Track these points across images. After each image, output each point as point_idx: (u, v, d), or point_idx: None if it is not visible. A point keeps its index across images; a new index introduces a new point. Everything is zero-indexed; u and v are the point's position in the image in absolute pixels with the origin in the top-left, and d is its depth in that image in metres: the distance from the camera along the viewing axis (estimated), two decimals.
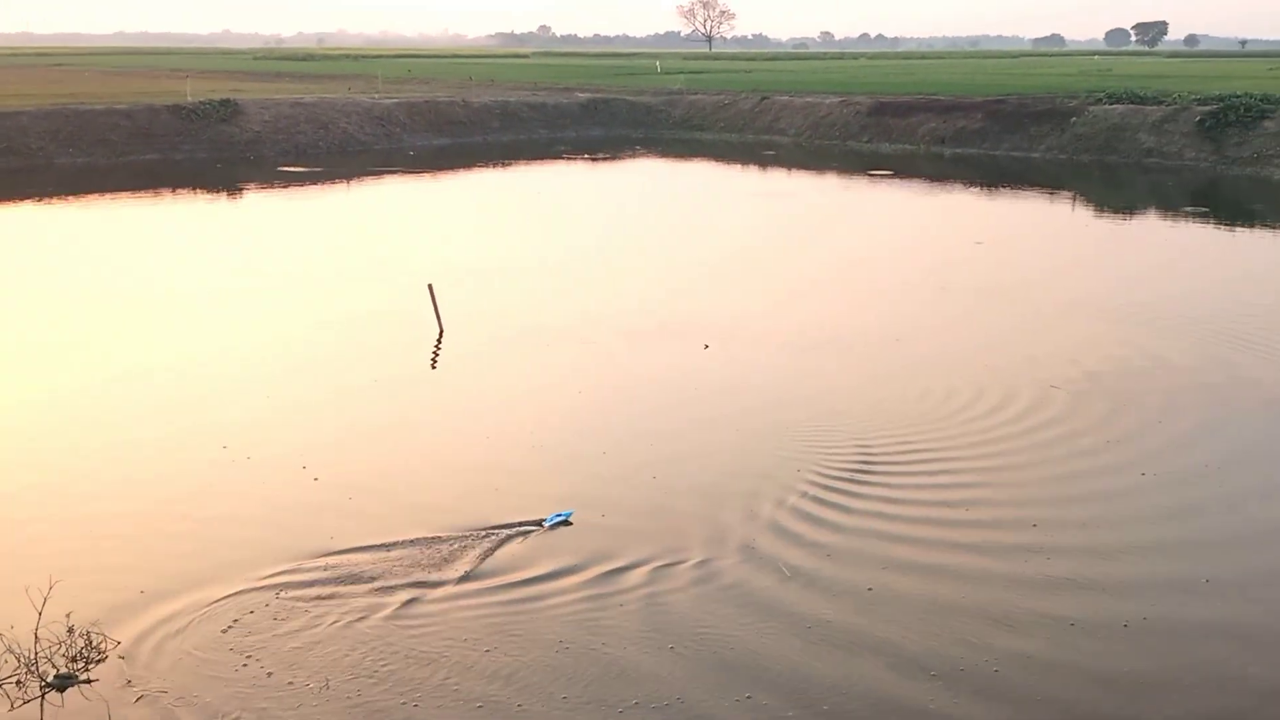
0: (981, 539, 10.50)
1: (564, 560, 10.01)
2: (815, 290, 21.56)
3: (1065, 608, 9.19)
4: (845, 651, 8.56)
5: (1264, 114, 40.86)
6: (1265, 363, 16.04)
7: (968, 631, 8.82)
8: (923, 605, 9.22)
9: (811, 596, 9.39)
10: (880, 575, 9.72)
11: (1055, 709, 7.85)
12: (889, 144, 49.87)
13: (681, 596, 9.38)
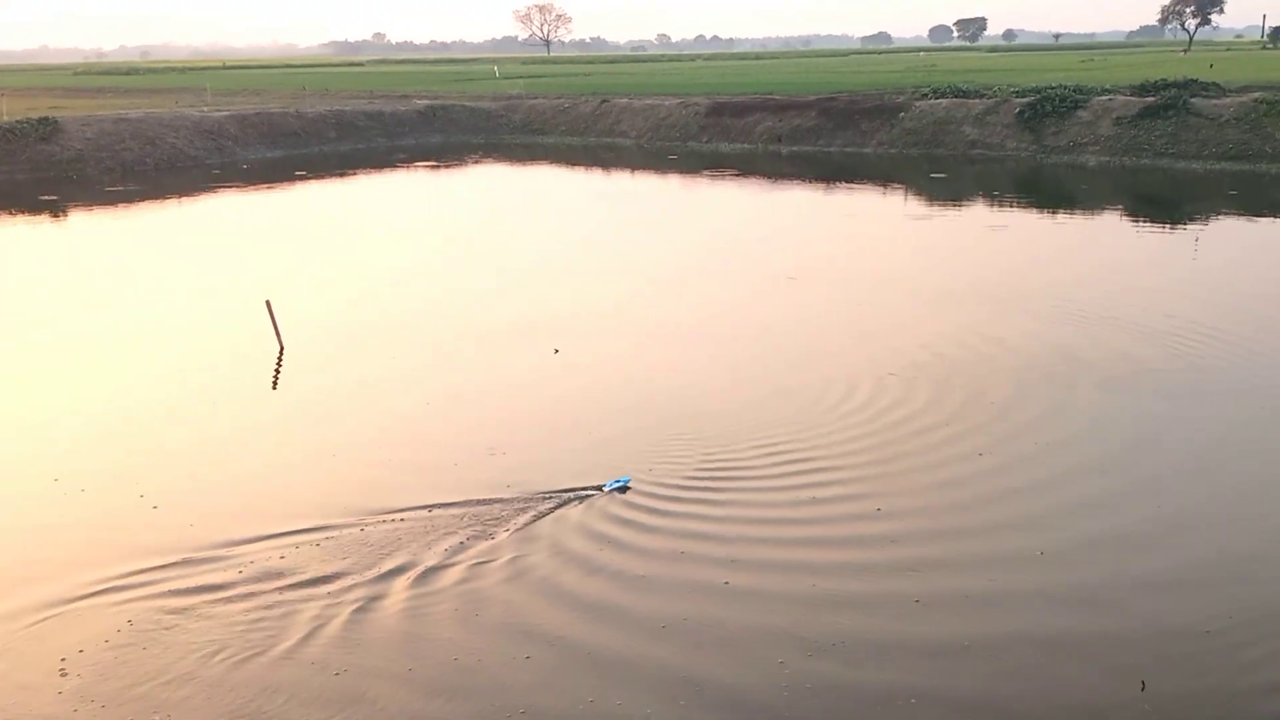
0: (829, 526, 10.75)
1: (403, 558, 10.02)
2: (663, 288, 21.70)
3: (909, 586, 9.49)
4: (695, 644, 8.68)
5: (1077, 104, 42.96)
6: (1097, 344, 16.78)
7: (818, 614, 9.03)
8: (774, 595, 9.39)
9: (668, 592, 9.48)
10: (733, 571, 9.86)
11: (900, 679, 8.10)
12: (728, 144, 50.70)
13: (510, 592, 9.40)
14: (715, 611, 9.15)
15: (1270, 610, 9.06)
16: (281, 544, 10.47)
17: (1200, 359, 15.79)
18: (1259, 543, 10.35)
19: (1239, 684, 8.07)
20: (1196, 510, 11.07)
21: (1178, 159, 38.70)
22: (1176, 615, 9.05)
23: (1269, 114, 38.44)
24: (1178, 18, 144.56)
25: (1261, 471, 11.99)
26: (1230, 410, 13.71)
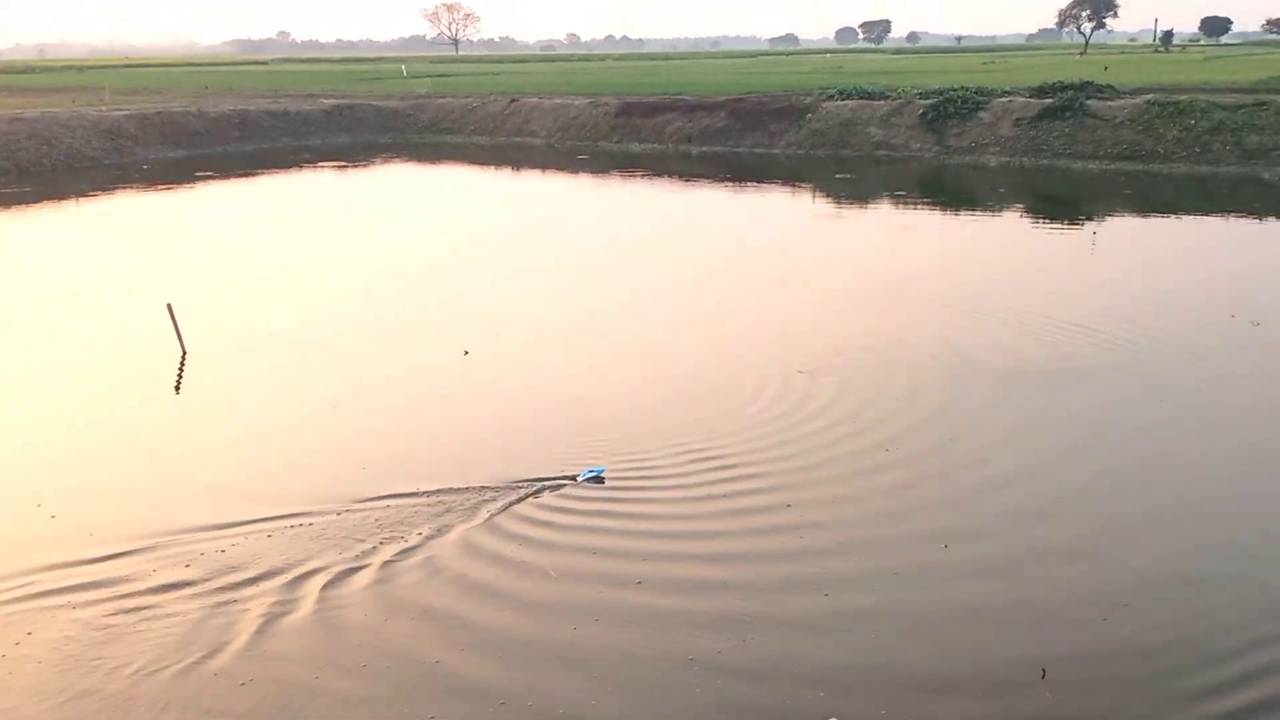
0: (740, 523, 10.86)
1: (285, 559, 9.93)
2: (576, 288, 21.71)
3: (818, 578, 9.67)
4: (607, 643, 8.73)
5: (979, 105, 43.92)
6: (996, 341, 17.18)
7: (729, 607, 9.14)
8: (685, 590, 9.50)
9: (584, 592, 9.53)
10: (646, 565, 9.93)
11: (814, 669, 8.24)
12: (639, 144, 50.87)
13: (390, 597, 9.35)
14: (627, 610, 9.21)
15: (1169, 590, 9.42)
16: (188, 548, 10.30)
17: (1094, 353, 16.26)
18: (1150, 520, 10.73)
19: (1141, 669, 8.35)
20: (1088, 496, 11.41)
21: (1075, 159, 39.78)
22: (1077, 600, 9.32)
23: (1160, 115, 39.71)
24: (1074, 21, 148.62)
25: (1152, 456, 12.41)
26: (1118, 398, 14.17)
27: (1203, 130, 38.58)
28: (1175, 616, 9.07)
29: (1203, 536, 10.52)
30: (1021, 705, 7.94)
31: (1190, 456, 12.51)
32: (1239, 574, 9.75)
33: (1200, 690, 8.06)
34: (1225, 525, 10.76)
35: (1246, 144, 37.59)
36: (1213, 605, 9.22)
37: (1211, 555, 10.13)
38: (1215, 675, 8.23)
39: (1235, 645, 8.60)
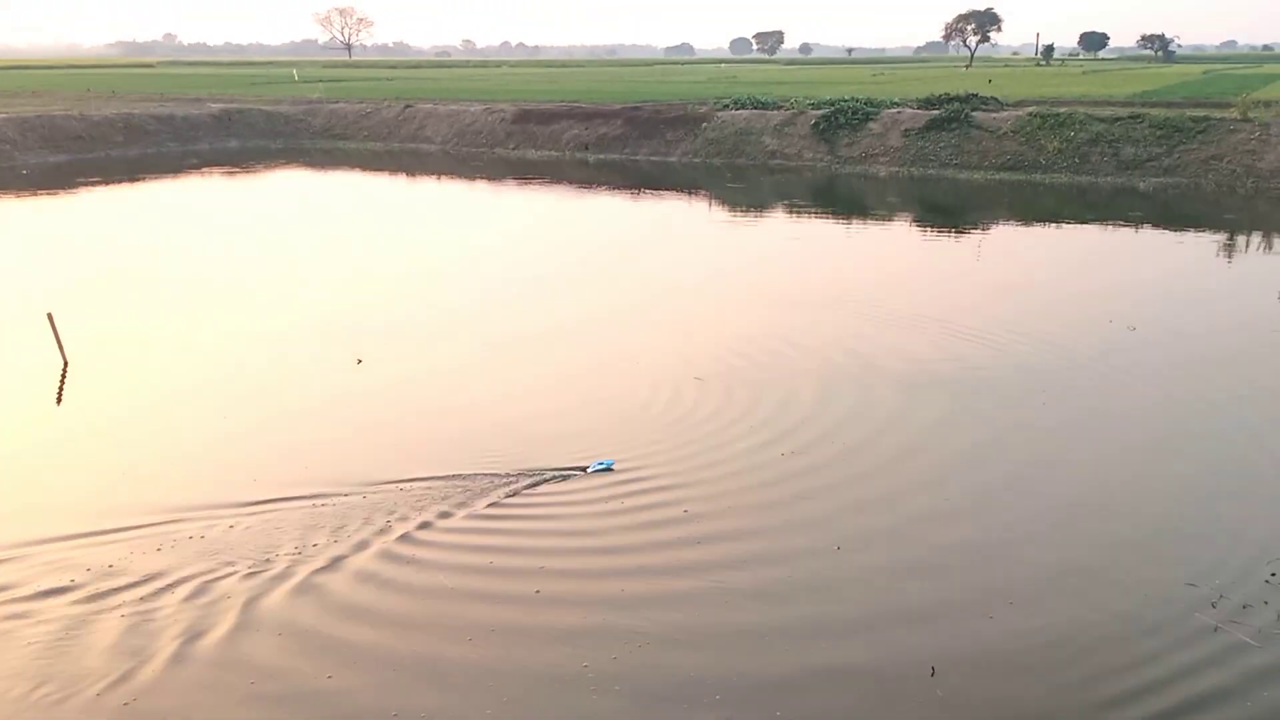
0: (638, 532, 10.94)
1: (181, 571, 9.72)
2: (475, 295, 21.59)
3: (714, 584, 9.79)
4: (502, 654, 8.77)
5: (868, 116, 44.85)
6: (890, 346, 17.57)
7: (625, 616, 9.22)
8: (582, 600, 9.56)
9: (484, 600, 9.53)
10: (542, 579, 9.97)
11: (707, 673, 8.36)
12: (535, 150, 50.79)
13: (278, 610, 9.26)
14: (523, 619, 9.23)
15: (1055, 586, 9.75)
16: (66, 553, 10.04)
17: (984, 358, 16.74)
18: (1036, 522, 11.09)
19: (1026, 663, 8.64)
20: (981, 497, 11.76)
21: (961, 169, 40.85)
22: (967, 599, 9.61)
23: (1041, 127, 41.02)
24: (960, 35, 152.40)
25: (1039, 456, 12.83)
26: (1007, 402, 14.61)
27: (1082, 142, 39.96)
28: (1061, 611, 9.41)
29: (1089, 533, 10.92)
30: (912, 701, 8.16)
31: (1076, 457, 12.95)
32: (1124, 568, 10.14)
33: (1084, 679, 8.38)
34: (1110, 521, 11.17)
35: (1123, 155, 39.04)
36: (1100, 599, 9.59)
37: (1097, 551, 10.52)
38: (1099, 665, 8.57)
39: (1120, 635, 8.96)
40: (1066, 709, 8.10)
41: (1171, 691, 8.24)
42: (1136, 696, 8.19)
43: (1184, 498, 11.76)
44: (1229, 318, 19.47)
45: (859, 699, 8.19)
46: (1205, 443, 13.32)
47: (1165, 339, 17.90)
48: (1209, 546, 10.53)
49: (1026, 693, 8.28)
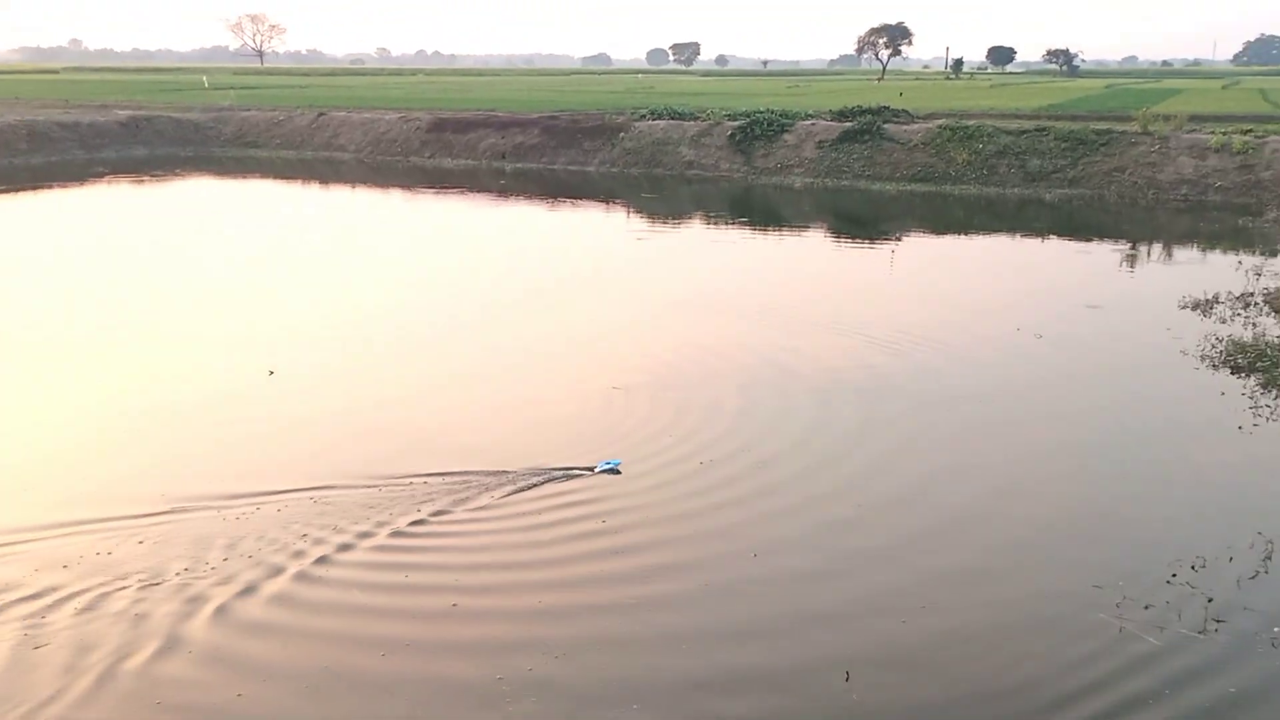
0: (561, 546, 10.92)
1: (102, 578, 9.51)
2: (394, 305, 21.37)
3: (631, 595, 9.83)
4: (419, 670, 8.70)
5: (784, 128, 45.38)
6: (805, 355, 17.77)
7: (542, 629, 9.22)
8: (499, 614, 9.55)
9: (399, 616, 9.45)
10: (459, 595, 9.92)
11: (625, 678, 8.38)
12: (451, 159, 50.52)
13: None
14: (439, 634, 9.18)
15: (966, 588, 9.95)
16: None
17: (897, 366, 17.03)
18: (946, 527, 11.31)
19: (937, 665, 8.80)
20: (893, 503, 11.95)
21: (874, 180, 41.50)
22: (876, 604, 9.76)
23: (951, 139, 41.85)
24: (872, 48, 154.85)
25: (950, 462, 13.07)
26: (919, 409, 14.88)
27: (990, 154, 40.86)
28: (970, 613, 9.60)
29: (997, 537, 11.16)
30: (828, 703, 8.26)
31: (985, 462, 13.23)
32: (1031, 571, 10.39)
33: (994, 681, 8.57)
34: (1017, 525, 11.43)
35: (1029, 167, 39.99)
36: (1008, 601, 9.81)
37: (1005, 554, 10.77)
38: (1008, 666, 8.76)
39: (1028, 636, 9.18)
40: (976, 710, 8.26)
41: (1077, 691, 8.44)
42: (1045, 697, 8.38)
43: (1088, 502, 12.06)
44: (1131, 326, 20.05)
45: (777, 703, 8.27)
46: (1108, 448, 13.69)
47: (1070, 346, 18.36)
48: (1112, 549, 10.81)
49: (938, 694, 8.43)
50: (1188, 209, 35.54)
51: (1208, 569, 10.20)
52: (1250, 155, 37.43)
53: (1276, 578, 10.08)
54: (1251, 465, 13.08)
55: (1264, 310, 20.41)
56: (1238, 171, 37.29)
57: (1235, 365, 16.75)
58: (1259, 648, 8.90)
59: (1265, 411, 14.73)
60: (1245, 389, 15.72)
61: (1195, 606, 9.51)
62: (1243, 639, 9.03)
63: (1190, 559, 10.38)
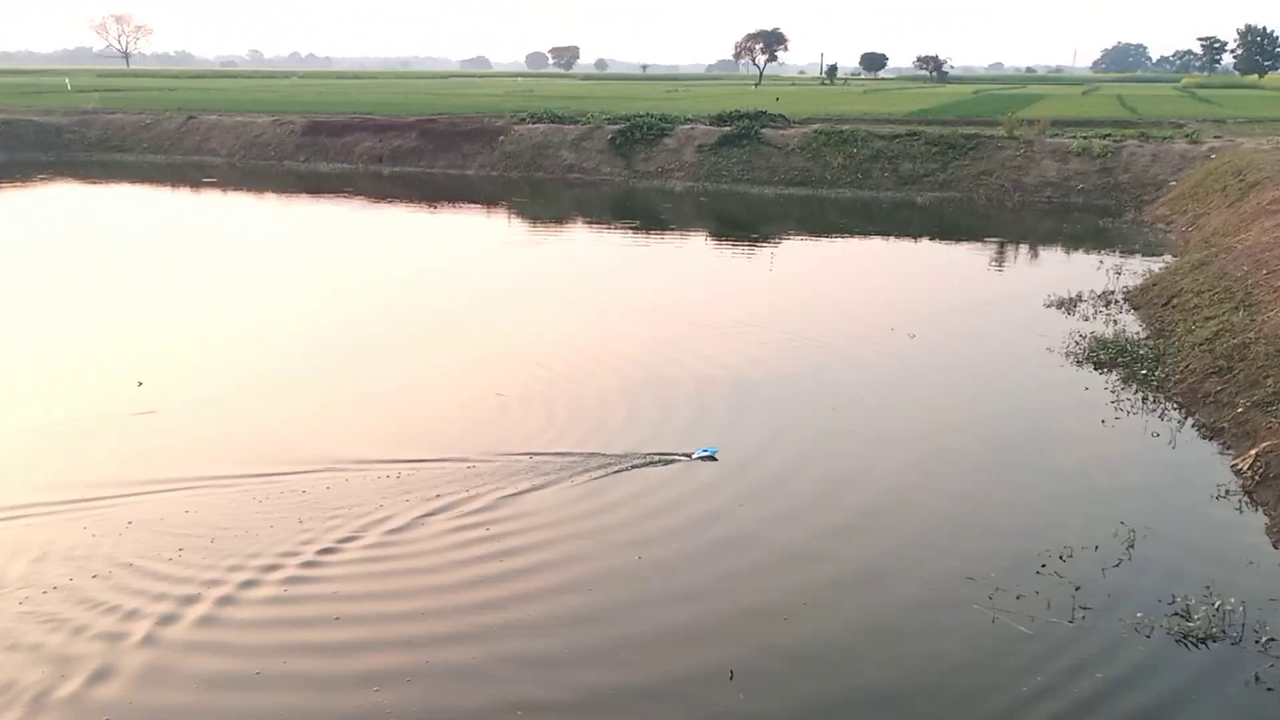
0: (443, 557, 10.80)
1: None
2: (264, 310, 20.89)
3: (518, 607, 9.76)
4: (302, 681, 8.53)
5: (664, 132, 45.71)
6: (689, 357, 17.85)
7: (429, 649, 9.11)
8: (358, 621, 9.41)
9: (283, 636, 9.24)
10: (341, 603, 9.75)
11: (507, 695, 8.34)
12: (327, 163, 49.67)
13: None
14: (322, 665, 9.03)
15: (840, 587, 10.15)
16: None
17: (777, 365, 17.27)
18: (826, 526, 11.50)
19: (818, 661, 8.95)
20: (773, 504, 12.11)
21: (752, 184, 42.04)
22: (760, 605, 9.87)
23: (826, 144, 42.66)
24: (750, 54, 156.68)
25: (829, 463, 13.30)
26: (799, 411, 15.11)
27: (864, 158, 41.75)
28: (851, 609, 9.81)
29: (875, 535, 11.40)
30: (714, 706, 8.33)
31: (861, 462, 13.49)
32: (908, 566, 10.63)
33: (875, 674, 8.76)
34: (895, 522, 11.69)
35: (902, 171, 40.99)
36: (887, 596, 10.03)
37: (883, 551, 11.00)
38: (888, 659, 8.96)
39: (905, 629, 9.39)
40: (858, 702, 8.43)
41: (953, 680, 8.67)
42: (922, 686, 8.59)
43: (961, 498, 12.40)
44: (1000, 325, 20.70)
45: (663, 709, 8.30)
46: (979, 444, 14.10)
47: (942, 346, 18.86)
48: (984, 543, 11.14)
49: (822, 690, 8.57)
50: (1052, 210, 36.83)
51: (1074, 558, 10.57)
52: (1109, 159, 38.98)
53: (1138, 565, 10.49)
54: (1114, 457, 13.61)
55: (1124, 308, 21.25)
56: (1098, 174, 38.80)
57: (1098, 361, 17.39)
58: (1123, 633, 9.26)
59: (1126, 405, 15.32)
60: (1108, 384, 16.34)
61: (1063, 595, 9.84)
62: (1108, 625, 9.38)
63: (1058, 549, 10.74)
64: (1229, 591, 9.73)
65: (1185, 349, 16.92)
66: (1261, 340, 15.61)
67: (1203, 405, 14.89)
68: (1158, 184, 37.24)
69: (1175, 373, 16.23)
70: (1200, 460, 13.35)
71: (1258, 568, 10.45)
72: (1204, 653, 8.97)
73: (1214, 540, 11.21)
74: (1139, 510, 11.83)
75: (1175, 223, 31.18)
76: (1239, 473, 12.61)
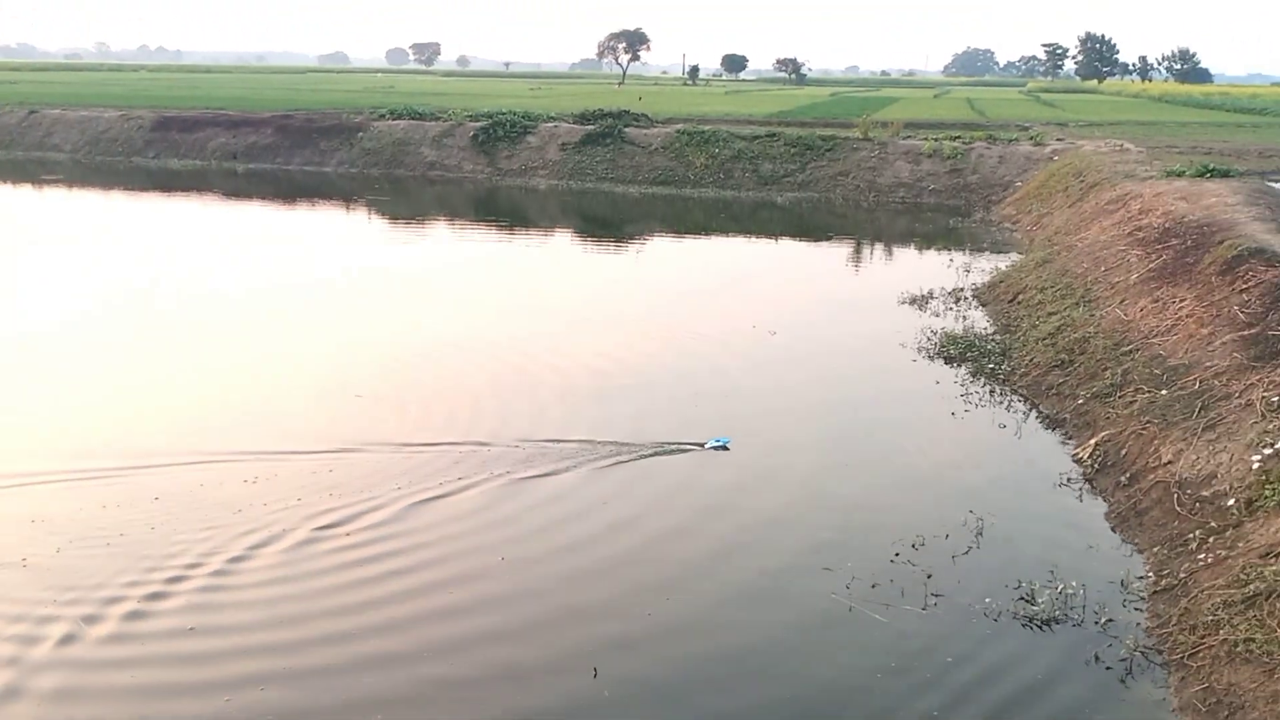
0: (308, 563, 10.59)
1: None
2: (105, 312, 20.11)
3: (374, 614, 9.63)
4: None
5: (527, 130, 45.53)
6: (549, 356, 17.77)
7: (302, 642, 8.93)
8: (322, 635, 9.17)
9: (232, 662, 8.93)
10: (201, 613, 9.49)
11: (371, 693, 8.24)
12: (178, 160, 48.11)
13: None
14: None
15: (697, 579, 10.27)
16: None
17: (636, 367, 17.39)
18: (682, 517, 11.63)
19: (677, 653, 9.04)
20: (630, 499, 12.18)
21: (616, 183, 42.17)
22: (621, 602, 9.93)
23: (689, 144, 43.05)
24: (613, 53, 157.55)
25: (689, 460, 13.44)
26: (661, 409, 15.23)
27: (726, 158, 42.28)
28: (708, 600, 9.92)
29: (730, 522, 11.57)
30: (578, 700, 8.34)
31: (719, 457, 13.66)
32: (765, 555, 10.81)
33: (735, 664, 8.88)
34: (748, 512, 11.88)
35: (762, 171, 41.65)
36: (744, 586, 10.18)
37: (740, 542, 11.17)
38: (746, 648, 9.10)
39: (765, 619, 9.55)
40: (715, 687, 8.54)
41: (811, 666, 8.87)
42: (780, 672, 8.75)
43: (818, 491, 12.68)
44: (856, 321, 21.28)
45: (533, 698, 8.30)
46: (835, 438, 14.46)
47: (801, 342, 19.26)
48: (841, 534, 11.37)
49: (683, 680, 8.66)
50: (905, 210, 37.92)
51: (926, 547, 10.90)
52: (959, 160, 40.31)
53: (987, 552, 10.88)
54: (964, 448, 14.10)
55: (973, 304, 22.01)
56: (948, 175, 40.08)
57: (949, 356, 17.97)
58: (973, 618, 9.59)
59: (975, 398, 15.88)
60: (957, 378, 16.90)
61: (916, 583, 10.14)
62: (958, 610, 9.70)
63: (911, 538, 11.06)
64: (1071, 575, 10.15)
65: (1030, 343, 17.62)
66: (1100, 334, 16.37)
67: (1046, 397, 15.54)
68: (1004, 184, 38.65)
69: (1021, 366, 16.90)
70: (1044, 450, 13.93)
71: (1097, 551, 10.94)
72: (1048, 635, 9.35)
73: (1057, 526, 11.70)
74: (987, 499, 12.27)
75: (1021, 222, 32.40)
76: (1080, 461, 13.19)
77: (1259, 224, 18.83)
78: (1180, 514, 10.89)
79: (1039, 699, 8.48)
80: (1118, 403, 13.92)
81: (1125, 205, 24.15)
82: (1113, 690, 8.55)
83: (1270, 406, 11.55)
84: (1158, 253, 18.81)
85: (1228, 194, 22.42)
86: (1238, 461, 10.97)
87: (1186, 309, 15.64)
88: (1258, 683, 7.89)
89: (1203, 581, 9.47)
